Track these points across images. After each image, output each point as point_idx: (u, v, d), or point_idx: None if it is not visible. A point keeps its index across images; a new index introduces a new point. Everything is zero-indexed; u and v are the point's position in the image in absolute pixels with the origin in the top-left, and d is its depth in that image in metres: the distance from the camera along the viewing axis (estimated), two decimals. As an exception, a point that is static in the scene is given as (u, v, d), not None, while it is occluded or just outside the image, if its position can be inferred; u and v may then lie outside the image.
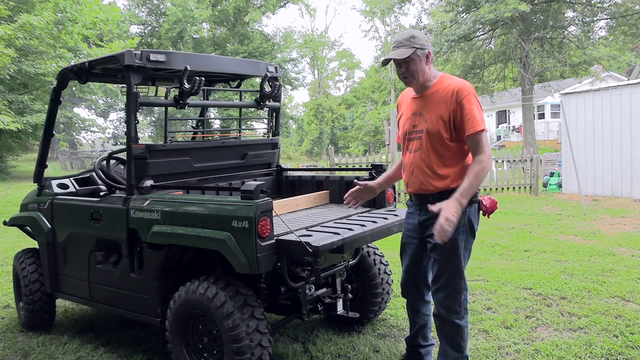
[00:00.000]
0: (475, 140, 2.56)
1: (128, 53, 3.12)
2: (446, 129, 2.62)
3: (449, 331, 2.78)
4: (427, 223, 2.75)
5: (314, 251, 2.55)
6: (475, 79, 24.05)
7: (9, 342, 3.94)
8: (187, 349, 3.01)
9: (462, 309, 2.74)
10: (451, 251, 2.68)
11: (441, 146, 2.65)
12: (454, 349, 2.79)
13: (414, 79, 2.67)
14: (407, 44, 2.60)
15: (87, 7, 15.69)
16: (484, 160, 2.53)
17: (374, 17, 42.17)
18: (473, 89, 2.65)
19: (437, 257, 2.74)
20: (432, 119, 2.65)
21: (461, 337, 2.77)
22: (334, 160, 12.26)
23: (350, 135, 46.51)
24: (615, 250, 6.16)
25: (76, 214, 3.70)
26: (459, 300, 2.72)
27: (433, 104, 2.66)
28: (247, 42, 35.13)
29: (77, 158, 32.67)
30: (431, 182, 2.69)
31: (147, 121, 41.28)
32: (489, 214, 2.73)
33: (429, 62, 2.66)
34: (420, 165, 2.72)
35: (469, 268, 5.47)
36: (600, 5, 20.56)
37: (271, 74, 3.97)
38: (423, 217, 2.78)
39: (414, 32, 2.65)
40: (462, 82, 2.65)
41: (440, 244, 2.62)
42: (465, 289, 2.74)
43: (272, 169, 4.33)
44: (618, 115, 10.54)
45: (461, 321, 2.75)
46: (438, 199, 2.62)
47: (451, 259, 2.69)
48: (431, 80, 2.70)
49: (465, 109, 2.56)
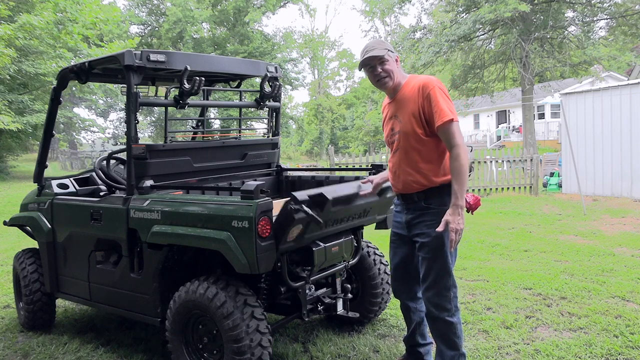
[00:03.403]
0: (445, 130, 2.59)
1: (128, 53, 3.12)
2: (419, 125, 2.68)
3: (441, 329, 2.80)
4: (413, 222, 2.81)
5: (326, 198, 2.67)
6: (475, 79, 24.08)
7: (9, 342, 3.94)
8: (187, 349, 3.01)
9: (452, 306, 2.77)
10: (438, 250, 2.72)
11: (418, 143, 2.71)
12: (449, 347, 2.81)
13: (390, 79, 2.77)
14: (378, 47, 2.75)
15: (87, 7, 15.66)
16: (459, 154, 2.57)
17: (374, 17, 42.18)
18: (439, 82, 2.71)
19: (425, 256, 2.78)
20: (404, 119, 2.74)
21: (455, 334, 2.79)
22: (334, 160, 12.26)
23: (350, 135, 46.49)
24: (615, 250, 6.16)
25: (76, 214, 3.69)
26: (448, 297, 2.76)
27: (404, 104, 2.75)
28: (247, 42, 35.13)
29: (77, 158, 32.67)
30: (414, 180, 2.75)
31: (147, 121, 41.28)
32: (473, 210, 2.80)
33: (399, 65, 2.80)
34: (401, 165, 2.80)
35: (469, 268, 5.48)
36: (600, 5, 20.56)
37: (271, 74, 3.97)
38: (410, 216, 2.83)
39: (380, 40, 2.84)
40: (426, 77, 2.73)
41: (427, 243, 2.72)
42: (454, 286, 2.78)
43: (272, 169, 4.33)
44: (618, 115, 10.54)
45: (452, 318, 2.78)
46: (423, 197, 2.73)
47: (438, 257, 2.73)
48: (401, 83, 2.80)
49: (432, 101, 2.63)
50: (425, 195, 2.73)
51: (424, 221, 2.75)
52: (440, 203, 2.70)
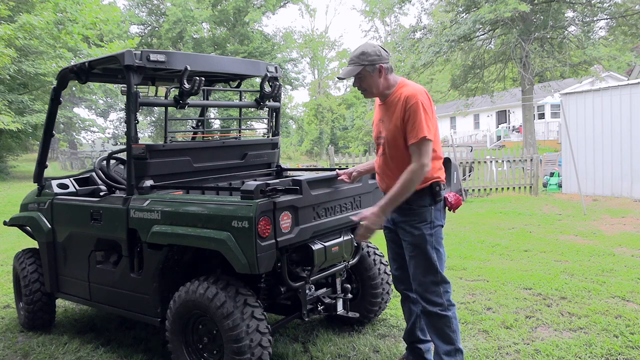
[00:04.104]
0: (414, 148, 2.64)
1: (128, 53, 3.12)
2: (401, 136, 2.72)
3: (435, 324, 2.84)
4: (397, 221, 2.89)
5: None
6: (475, 79, 24.09)
7: (9, 342, 3.94)
8: (187, 349, 3.00)
9: (444, 301, 2.81)
10: (419, 248, 2.80)
11: (400, 151, 2.75)
12: (444, 341, 2.83)
13: (369, 93, 2.81)
14: (357, 62, 2.72)
15: (87, 7, 15.66)
16: (416, 171, 2.62)
17: (374, 17, 42.17)
18: (424, 95, 2.70)
19: (410, 254, 2.86)
20: (389, 126, 2.77)
21: (449, 328, 2.82)
22: (334, 160, 12.26)
23: (350, 135, 46.47)
24: (615, 250, 6.16)
25: (76, 214, 3.69)
26: (438, 292, 2.81)
27: (391, 111, 2.77)
28: (247, 42, 35.13)
29: (77, 158, 32.67)
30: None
31: (147, 121, 41.28)
32: (454, 209, 2.87)
33: (383, 74, 2.75)
34: (384, 169, 2.87)
35: (469, 268, 5.48)
36: (600, 5, 20.57)
37: (271, 74, 3.97)
38: (394, 215, 2.90)
39: (366, 48, 2.75)
40: (413, 89, 2.71)
41: (410, 242, 2.81)
42: (443, 282, 2.82)
43: (272, 169, 4.33)
44: (618, 115, 10.54)
45: (446, 312, 2.81)
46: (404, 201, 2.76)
47: (420, 255, 2.81)
48: (390, 89, 2.80)
49: (412, 116, 2.64)
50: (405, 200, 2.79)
51: (406, 221, 2.84)
52: (421, 204, 2.78)
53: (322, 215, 3.05)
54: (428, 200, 2.76)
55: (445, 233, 7.51)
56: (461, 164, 12.26)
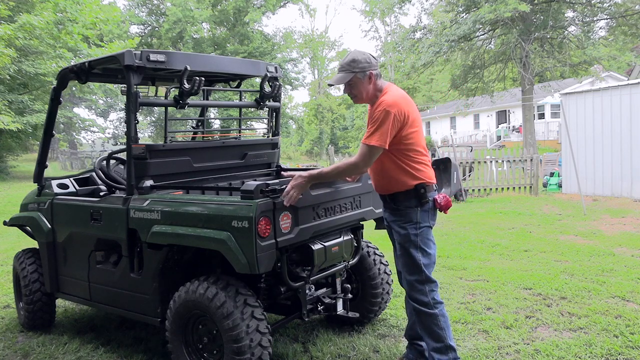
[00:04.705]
0: (361, 146, 2.77)
1: (128, 53, 3.12)
2: None
3: (424, 321, 2.91)
4: (389, 220, 3.02)
5: None
6: (475, 79, 24.09)
7: (9, 342, 3.94)
8: (187, 349, 3.00)
9: (429, 300, 2.88)
10: (404, 248, 2.91)
11: (384, 154, 2.82)
12: (433, 339, 2.89)
13: (359, 99, 2.91)
14: (347, 69, 2.81)
15: (87, 7, 15.65)
16: (353, 163, 2.77)
17: (374, 17, 42.20)
18: (401, 106, 2.74)
19: (398, 253, 3.00)
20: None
21: (437, 326, 2.87)
22: (334, 160, 12.28)
23: (350, 135, 46.49)
24: (615, 250, 6.16)
25: (76, 214, 3.69)
26: (424, 291, 2.88)
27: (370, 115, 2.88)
28: (247, 42, 35.14)
29: (77, 158, 32.68)
30: (384, 184, 2.95)
31: (147, 121, 41.29)
32: (444, 210, 2.93)
33: (373, 80, 2.85)
34: (375, 170, 2.98)
35: (469, 268, 5.48)
36: (600, 5, 20.57)
37: (271, 74, 3.97)
38: (386, 214, 3.06)
39: (356, 55, 2.83)
40: (393, 98, 2.77)
41: (397, 240, 2.93)
42: (428, 281, 2.88)
43: (272, 169, 4.33)
44: (618, 115, 10.53)
45: (432, 310, 2.87)
46: (392, 199, 2.93)
47: (406, 254, 2.91)
48: (377, 95, 2.88)
49: (375, 120, 2.74)
50: (392, 199, 2.93)
51: (395, 221, 2.95)
52: (407, 205, 2.87)
53: (322, 216, 3.06)
54: (414, 201, 2.86)
55: (445, 233, 7.56)
56: (461, 164, 12.26)
